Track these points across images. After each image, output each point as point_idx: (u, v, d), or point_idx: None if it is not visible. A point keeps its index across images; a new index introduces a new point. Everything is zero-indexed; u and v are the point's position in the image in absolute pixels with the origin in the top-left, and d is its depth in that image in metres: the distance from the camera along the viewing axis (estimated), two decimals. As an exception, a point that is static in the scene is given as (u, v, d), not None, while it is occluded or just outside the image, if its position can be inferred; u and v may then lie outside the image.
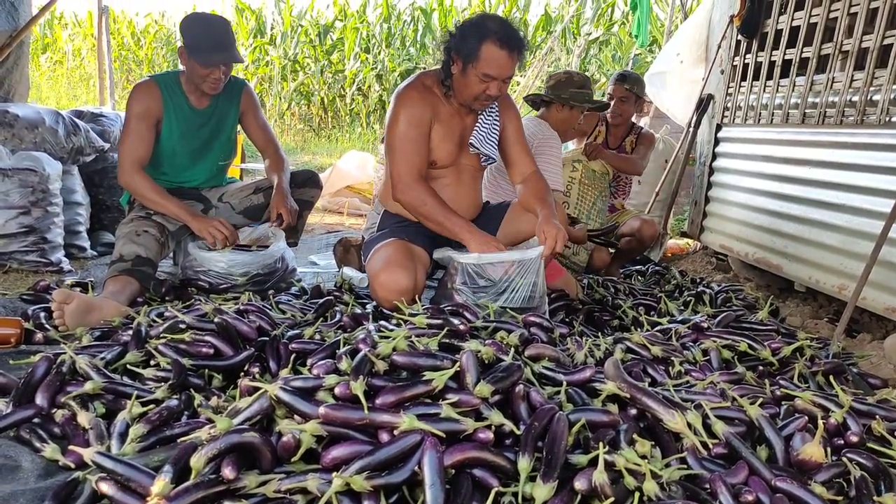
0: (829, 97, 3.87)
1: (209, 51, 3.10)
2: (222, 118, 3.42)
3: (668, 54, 6.23)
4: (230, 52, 3.16)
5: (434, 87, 2.89)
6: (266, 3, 19.33)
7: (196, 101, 3.30)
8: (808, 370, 2.37)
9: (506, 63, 2.70)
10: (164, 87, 3.23)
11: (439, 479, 1.32)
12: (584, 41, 14.05)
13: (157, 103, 3.21)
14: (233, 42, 3.21)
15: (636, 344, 2.38)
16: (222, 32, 3.18)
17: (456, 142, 2.94)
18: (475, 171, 3.07)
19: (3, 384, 1.91)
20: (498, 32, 2.68)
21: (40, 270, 3.52)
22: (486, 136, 2.96)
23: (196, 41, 3.10)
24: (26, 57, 5.21)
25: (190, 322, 2.25)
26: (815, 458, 1.63)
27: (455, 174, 3.00)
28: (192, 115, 3.31)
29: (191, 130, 3.33)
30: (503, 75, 2.73)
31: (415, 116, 2.80)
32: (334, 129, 15.37)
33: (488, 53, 2.68)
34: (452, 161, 2.96)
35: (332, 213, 6.99)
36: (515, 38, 2.70)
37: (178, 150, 3.33)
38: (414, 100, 2.83)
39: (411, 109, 2.81)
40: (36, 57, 16.45)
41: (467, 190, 3.06)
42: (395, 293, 2.65)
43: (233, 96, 3.43)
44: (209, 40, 3.11)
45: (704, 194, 5.22)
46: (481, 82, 2.73)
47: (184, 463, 1.37)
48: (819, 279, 3.72)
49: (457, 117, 2.92)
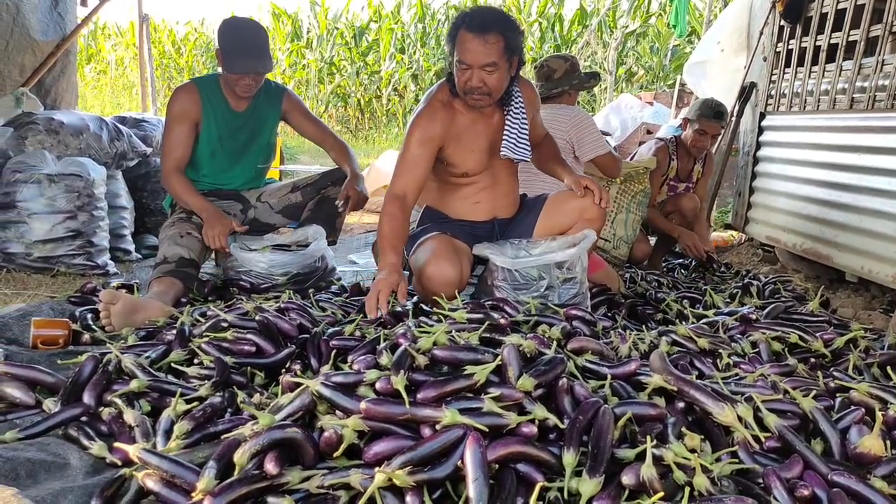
0: (879, 80, 3.75)
1: (236, 58, 3.12)
2: (261, 121, 3.44)
3: (707, 43, 6.11)
4: (258, 60, 3.16)
5: (452, 101, 2.80)
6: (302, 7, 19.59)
7: (235, 103, 3.33)
8: (862, 362, 2.29)
9: (477, 48, 2.58)
10: (204, 90, 3.27)
11: (483, 474, 1.30)
12: (621, 34, 13.88)
13: (196, 105, 3.25)
14: (262, 50, 3.20)
15: (682, 336, 2.32)
16: (252, 40, 3.18)
17: (484, 147, 2.86)
18: (511, 167, 3.02)
19: (52, 384, 1.94)
20: (470, 17, 2.61)
21: (87, 273, 3.59)
22: (516, 139, 2.85)
23: (227, 47, 3.14)
24: (73, 66, 5.35)
25: (232, 321, 2.26)
26: (874, 452, 1.56)
27: (490, 177, 2.95)
28: (231, 117, 3.34)
29: (230, 132, 3.36)
30: (477, 62, 2.59)
31: (424, 136, 2.75)
32: (371, 130, 15.47)
33: (461, 39, 2.61)
34: (484, 166, 2.90)
35: (371, 213, 7.02)
36: (489, 22, 2.59)
37: (217, 152, 3.37)
38: (429, 120, 2.77)
39: (421, 130, 2.76)
40: (81, 67, 16.87)
41: (504, 189, 3.02)
42: (442, 286, 2.63)
43: (273, 101, 3.45)
44: (238, 47, 3.13)
45: (749, 185, 5.10)
46: (461, 72, 2.64)
47: (227, 459, 1.37)
48: (872, 269, 3.60)
49: (481, 121, 2.84)
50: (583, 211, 2.87)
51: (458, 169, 2.86)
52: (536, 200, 3.10)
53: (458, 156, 2.83)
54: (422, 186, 2.80)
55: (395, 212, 2.69)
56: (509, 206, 3.05)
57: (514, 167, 3.05)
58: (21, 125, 3.85)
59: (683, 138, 4.47)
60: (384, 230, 2.68)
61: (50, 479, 1.53)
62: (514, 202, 3.08)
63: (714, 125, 4.37)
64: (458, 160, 2.83)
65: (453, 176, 2.89)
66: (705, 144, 4.44)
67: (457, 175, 2.88)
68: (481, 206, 2.97)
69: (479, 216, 2.98)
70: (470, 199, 2.96)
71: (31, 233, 3.52)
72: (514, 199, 3.09)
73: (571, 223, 2.89)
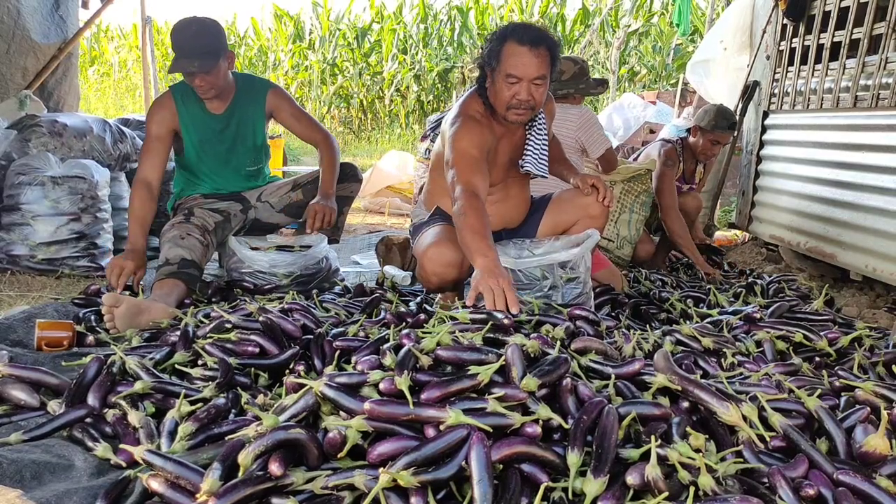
0: (883, 78, 3.74)
1: (175, 59, 3.07)
2: (243, 122, 3.37)
3: (711, 42, 6.10)
4: (192, 59, 3.05)
5: (485, 115, 2.75)
6: (304, 9, 19.58)
7: (211, 105, 3.28)
8: (867, 360, 2.28)
9: (528, 60, 2.57)
10: (178, 96, 3.26)
11: (487, 475, 1.30)
12: (624, 33, 13.86)
13: (172, 114, 3.23)
14: (202, 49, 3.06)
15: (686, 336, 2.31)
16: (191, 39, 3.08)
17: (505, 163, 2.86)
18: (523, 180, 3.01)
19: (57, 385, 1.94)
20: (518, 30, 2.60)
21: (91, 275, 3.59)
22: (538, 155, 2.83)
23: (173, 47, 3.09)
24: (75, 69, 5.36)
25: (236, 322, 2.26)
26: (880, 451, 1.55)
27: (503, 190, 2.94)
28: (209, 121, 3.30)
29: (210, 136, 3.32)
30: (528, 75, 2.58)
31: (478, 140, 2.67)
32: (374, 131, 15.48)
33: (509, 52, 2.58)
34: (501, 179, 2.90)
35: (374, 214, 7.03)
36: (539, 35, 2.60)
37: (202, 156, 3.35)
38: (477, 127, 2.70)
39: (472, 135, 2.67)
40: (84, 70, 16.93)
41: (515, 202, 3.00)
42: (441, 266, 2.62)
43: (254, 99, 3.37)
44: (178, 48, 3.07)
45: (752, 184, 5.09)
46: (508, 86, 2.60)
47: (232, 460, 1.37)
48: (876, 267, 3.59)
49: (505, 137, 2.82)
50: (585, 207, 2.88)
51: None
52: (541, 200, 3.10)
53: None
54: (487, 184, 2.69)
55: (478, 204, 2.54)
56: (518, 217, 3.05)
57: (526, 180, 3.03)
58: (25, 127, 3.86)
59: (692, 144, 4.46)
60: (475, 225, 2.46)
61: (55, 480, 1.53)
62: (523, 213, 3.06)
63: (728, 136, 4.44)
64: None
65: None
66: (716, 153, 4.51)
67: None
68: (492, 218, 2.95)
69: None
70: None
71: (35, 235, 3.53)
72: (525, 209, 3.07)
73: (574, 220, 2.90)
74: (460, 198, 2.55)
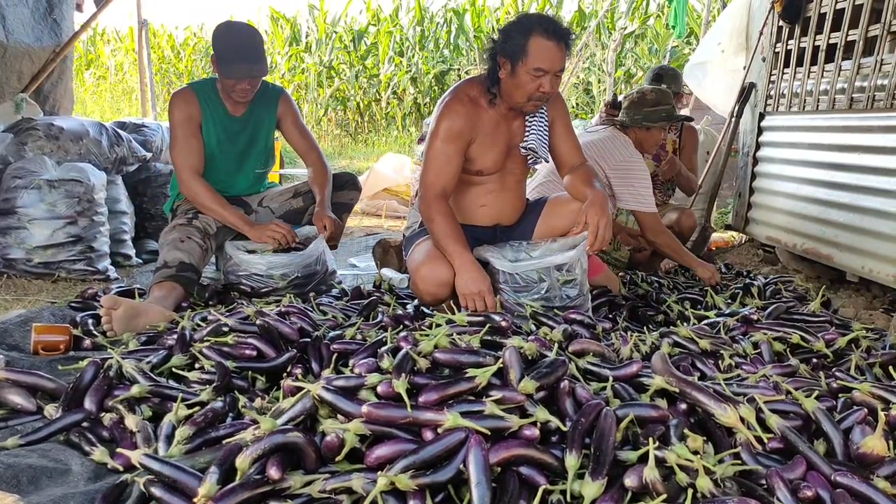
0: (878, 80, 3.74)
1: (231, 62, 3.10)
2: (258, 125, 3.43)
3: (707, 44, 6.11)
4: (253, 64, 3.13)
5: (479, 98, 2.80)
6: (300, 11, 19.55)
7: (232, 107, 3.32)
8: (864, 362, 2.28)
9: (555, 54, 2.62)
10: (201, 94, 3.27)
11: (485, 478, 1.30)
12: (620, 35, 13.87)
13: (196, 109, 3.24)
14: (258, 54, 3.17)
15: (683, 338, 2.31)
16: (247, 44, 3.16)
17: (502, 149, 2.87)
18: (520, 174, 3.02)
19: (53, 389, 1.94)
20: (543, 24, 2.62)
21: (87, 279, 3.59)
22: (539, 137, 2.88)
23: (222, 52, 3.12)
24: (70, 72, 5.35)
25: (233, 325, 2.26)
26: (877, 452, 1.56)
27: (500, 180, 2.95)
28: (230, 122, 3.34)
29: (229, 137, 3.35)
30: (554, 68, 2.63)
31: (453, 131, 2.74)
32: (371, 133, 15.46)
33: (536, 46, 2.60)
34: (498, 168, 2.90)
35: (371, 216, 7.02)
36: (561, 29, 2.64)
37: (217, 157, 3.36)
38: (458, 114, 2.75)
39: (451, 123, 2.74)
40: (80, 73, 16.89)
41: (511, 195, 3.01)
42: (435, 286, 2.63)
43: (269, 104, 3.43)
44: (233, 51, 3.11)
45: (749, 185, 5.10)
46: (533, 79, 2.63)
47: (229, 464, 1.37)
48: (873, 268, 3.59)
49: (503, 124, 2.84)
50: (580, 214, 2.88)
51: (475, 166, 2.85)
52: (536, 203, 3.10)
53: (479, 151, 2.82)
54: (455, 181, 2.80)
55: (445, 209, 2.70)
56: (513, 213, 3.05)
57: (523, 175, 3.04)
58: (21, 131, 3.85)
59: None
60: (446, 230, 2.66)
61: (52, 485, 1.53)
62: (518, 210, 3.07)
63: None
64: (477, 155, 2.83)
65: (466, 173, 2.87)
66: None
67: (471, 172, 2.87)
68: (486, 210, 2.96)
69: (483, 221, 2.98)
70: (476, 201, 2.95)
71: (32, 238, 3.52)
72: (520, 207, 3.07)
73: (569, 226, 2.89)
74: (426, 200, 2.72)
